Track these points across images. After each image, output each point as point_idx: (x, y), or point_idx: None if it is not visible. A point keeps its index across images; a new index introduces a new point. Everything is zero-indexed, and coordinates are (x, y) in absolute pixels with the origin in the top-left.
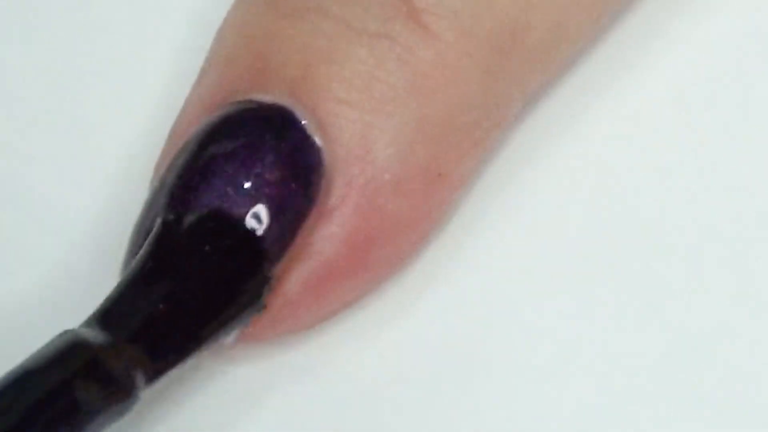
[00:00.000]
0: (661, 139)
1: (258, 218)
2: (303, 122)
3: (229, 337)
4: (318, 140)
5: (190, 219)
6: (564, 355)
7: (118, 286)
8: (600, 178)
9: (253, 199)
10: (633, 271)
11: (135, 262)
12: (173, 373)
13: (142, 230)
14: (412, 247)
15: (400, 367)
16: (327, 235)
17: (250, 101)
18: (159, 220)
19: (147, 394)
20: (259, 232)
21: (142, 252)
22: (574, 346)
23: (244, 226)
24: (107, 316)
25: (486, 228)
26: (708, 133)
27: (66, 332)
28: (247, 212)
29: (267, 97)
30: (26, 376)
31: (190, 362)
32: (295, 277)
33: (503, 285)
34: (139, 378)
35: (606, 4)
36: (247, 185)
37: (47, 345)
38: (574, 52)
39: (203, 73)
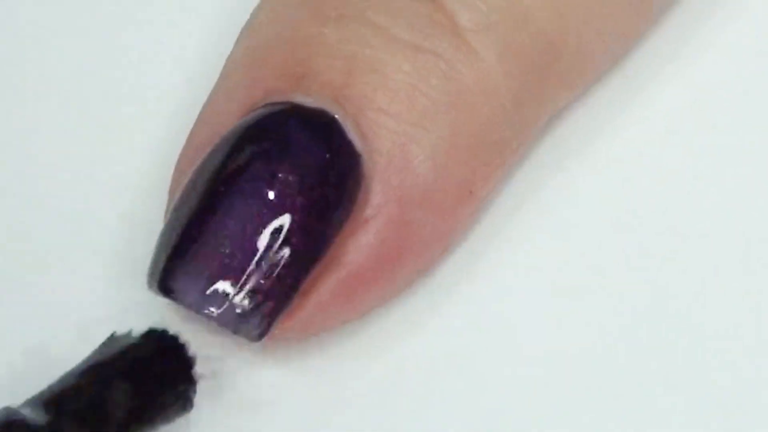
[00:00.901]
0: (684, 149)
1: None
2: (345, 128)
3: None
4: (358, 148)
5: None
6: (581, 369)
7: (66, 376)
8: (621, 188)
9: (291, 202)
10: (656, 284)
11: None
12: None
13: (171, 232)
14: (437, 258)
15: (416, 372)
16: (360, 244)
17: (292, 103)
18: None
19: None
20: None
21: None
22: (592, 360)
23: None
24: (51, 399)
25: (504, 238)
26: (736, 142)
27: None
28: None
29: (309, 101)
30: None
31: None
32: (326, 284)
33: (519, 296)
34: None
35: (638, 26)
36: (285, 188)
37: None
38: (603, 71)
39: (231, 70)
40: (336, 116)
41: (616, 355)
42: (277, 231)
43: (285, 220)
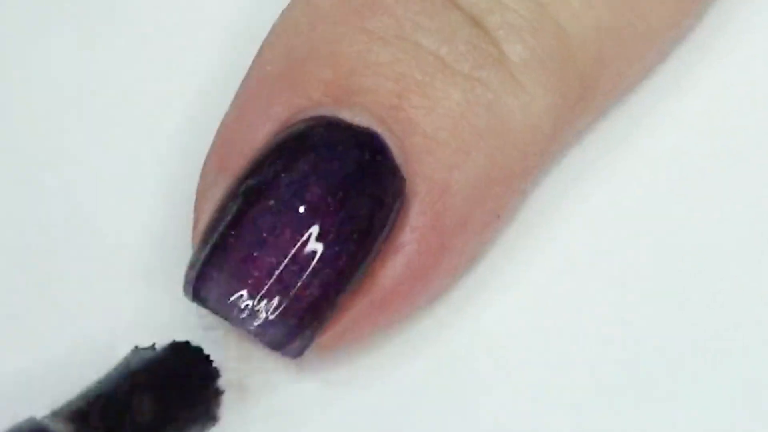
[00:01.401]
0: (704, 157)
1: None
2: (392, 151)
3: None
4: (402, 171)
5: None
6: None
7: (89, 389)
8: (636, 197)
9: (333, 220)
10: (678, 291)
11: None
12: None
13: (208, 240)
14: (460, 276)
15: (433, 381)
16: (396, 266)
17: (340, 119)
18: None
19: None
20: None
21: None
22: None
23: None
24: (75, 411)
25: (521, 249)
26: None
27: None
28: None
29: (357, 119)
30: None
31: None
32: (360, 303)
33: (532, 306)
34: None
35: (667, 50)
36: (329, 206)
37: None
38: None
39: (264, 77)
40: (384, 138)
41: (632, 364)
42: (316, 248)
43: (325, 237)
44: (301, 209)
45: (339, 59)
